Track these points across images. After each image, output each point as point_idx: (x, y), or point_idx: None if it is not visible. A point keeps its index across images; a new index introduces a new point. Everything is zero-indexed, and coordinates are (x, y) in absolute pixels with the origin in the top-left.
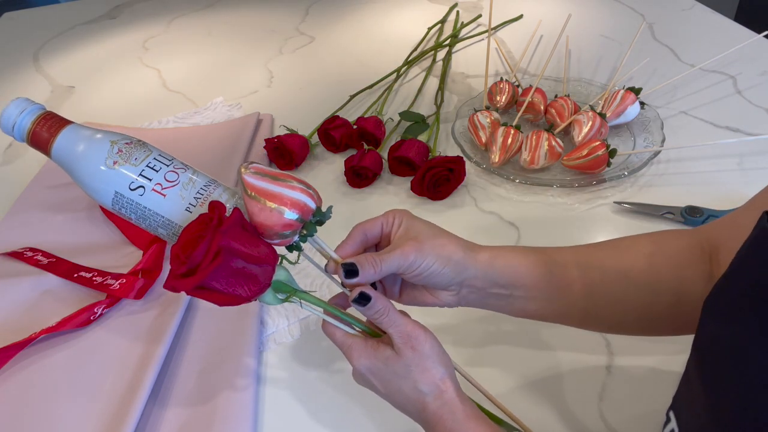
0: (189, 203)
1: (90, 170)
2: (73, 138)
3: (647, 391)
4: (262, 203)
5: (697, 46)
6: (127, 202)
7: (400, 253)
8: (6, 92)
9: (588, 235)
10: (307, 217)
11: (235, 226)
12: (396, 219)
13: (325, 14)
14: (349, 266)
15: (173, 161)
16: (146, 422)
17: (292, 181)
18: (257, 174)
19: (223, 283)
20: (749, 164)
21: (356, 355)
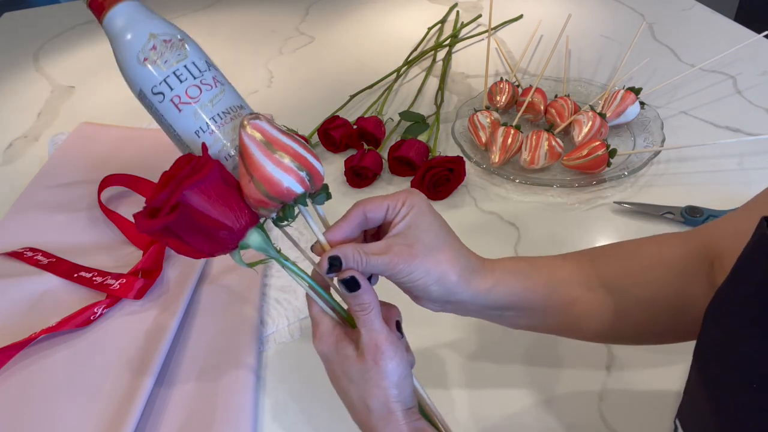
0: (200, 127)
1: (124, 58)
2: (124, 16)
3: (647, 391)
4: (245, 168)
5: (697, 46)
6: (147, 103)
7: (387, 260)
8: (6, 92)
9: (588, 235)
10: (288, 200)
11: (208, 182)
12: (404, 208)
13: (325, 14)
14: (334, 260)
15: (204, 74)
16: (146, 422)
17: (284, 155)
18: (253, 133)
19: (182, 233)
20: (749, 164)
21: (318, 336)
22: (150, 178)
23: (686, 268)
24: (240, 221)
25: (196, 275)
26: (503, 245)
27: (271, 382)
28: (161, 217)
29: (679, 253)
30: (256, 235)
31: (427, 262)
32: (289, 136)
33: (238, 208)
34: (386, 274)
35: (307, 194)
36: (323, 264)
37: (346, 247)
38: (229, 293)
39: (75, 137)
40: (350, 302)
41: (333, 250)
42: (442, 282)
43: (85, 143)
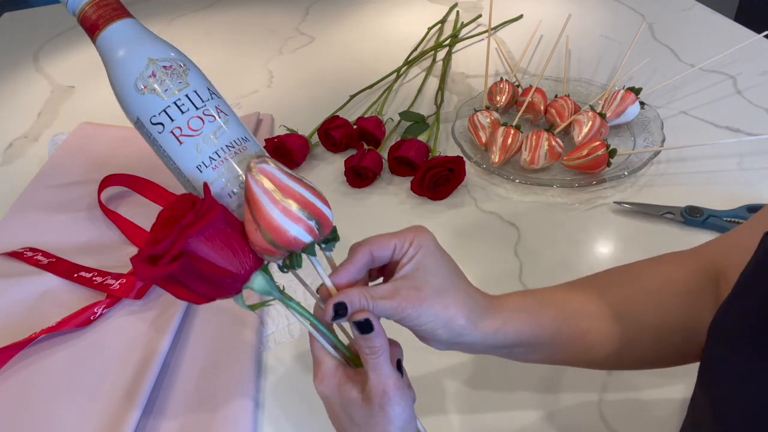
0: (202, 161)
1: (120, 84)
2: (120, 37)
3: (647, 392)
4: (252, 216)
5: (697, 46)
6: (145, 133)
7: (395, 305)
8: (6, 92)
9: (588, 235)
10: (296, 249)
11: (212, 229)
12: (411, 248)
13: (325, 14)
14: (340, 307)
15: (206, 104)
16: (146, 422)
17: (292, 204)
18: (260, 179)
19: (184, 280)
20: (749, 164)
21: (320, 377)
22: (150, 178)
23: (693, 289)
24: (244, 266)
25: None
26: (503, 245)
27: (271, 381)
28: (163, 266)
29: (685, 274)
30: (260, 278)
31: (436, 307)
32: (297, 180)
33: (242, 253)
34: (393, 318)
35: (316, 243)
36: (329, 311)
37: (352, 292)
38: None
39: (75, 137)
40: (360, 344)
41: (339, 296)
42: (449, 326)
43: (85, 143)
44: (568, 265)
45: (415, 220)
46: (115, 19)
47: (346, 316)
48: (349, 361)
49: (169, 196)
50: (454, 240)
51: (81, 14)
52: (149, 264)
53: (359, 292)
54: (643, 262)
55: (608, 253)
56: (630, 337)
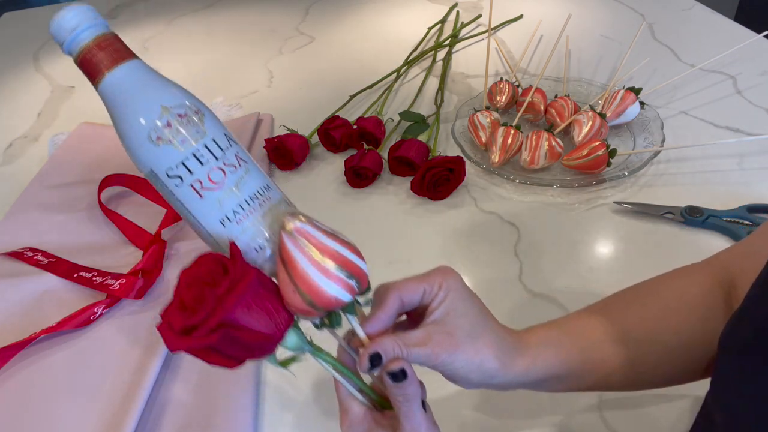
0: (225, 216)
1: (130, 135)
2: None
3: (647, 392)
4: (289, 277)
5: (697, 46)
6: (160, 185)
7: (429, 353)
8: (6, 92)
9: (588, 235)
10: (336, 308)
11: (249, 295)
12: (441, 292)
13: (325, 14)
14: (376, 357)
15: (226, 152)
16: (146, 422)
17: (332, 264)
18: (299, 237)
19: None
20: (749, 164)
21: (347, 423)
22: None
23: (709, 303)
24: (279, 327)
25: None
26: (503, 245)
27: (271, 381)
28: (200, 337)
29: (700, 289)
30: (293, 335)
31: (469, 352)
32: (332, 236)
33: (277, 314)
34: (427, 365)
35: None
36: (364, 362)
37: (386, 342)
38: None
39: (75, 137)
40: (394, 392)
41: (373, 346)
42: (482, 369)
43: (85, 143)
44: (568, 265)
45: (415, 220)
46: (119, 61)
47: (381, 365)
48: (376, 405)
49: None
50: (454, 240)
51: (80, 56)
52: (183, 334)
53: (393, 341)
54: (656, 280)
55: (608, 253)
56: (653, 359)
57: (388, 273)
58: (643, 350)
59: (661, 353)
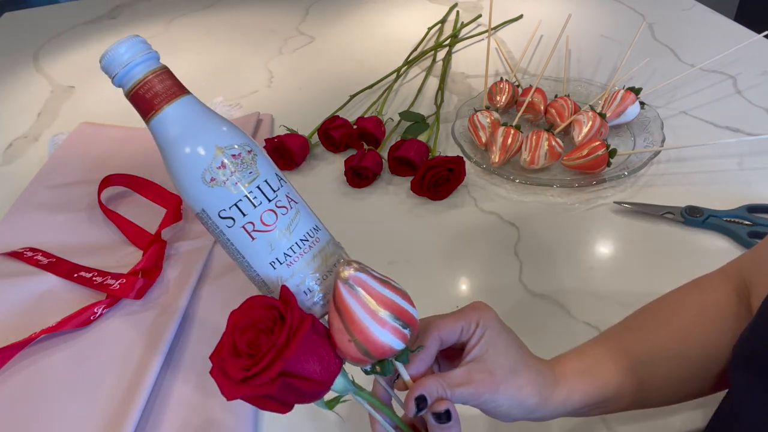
0: (276, 258)
1: (184, 174)
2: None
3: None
4: (344, 326)
5: (697, 46)
6: (212, 225)
7: (473, 392)
8: (6, 92)
9: (588, 235)
10: (389, 356)
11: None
12: (478, 330)
13: (325, 14)
14: (422, 399)
15: (278, 194)
16: (146, 422)
17: (388, 314)
18: (357, 288)
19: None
20: (749, 164)
21: None
22: (150, 178)
23: (729, 313)
24: (331, 373)
25: (197, 275)
26: (503, 245)
27: None
28: (259, 386)
29: (718, 299)
30: (340, 379)
31: (510, 389)
32: (386, 284)
33: (329, 359)
34: (470, 404)
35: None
36: (410, 406)
37: (430, 383)
38: (229, 292)
39: (75, 137)
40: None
41: (418, 389)
42: (523, 405)
43: (85, 143)
44: (568, 265)
45: (415, 220)
46: (173, 98)
47: (426, 408)
48: None
49: (168, 196)
50: (454, 240)
51: (133, 91)
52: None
53: (437, 383)
54: (675, 294)
55: (608, 253)
56: (685, 375)
57: (388, 273)
58: (674, 367)
59: (691, 368)
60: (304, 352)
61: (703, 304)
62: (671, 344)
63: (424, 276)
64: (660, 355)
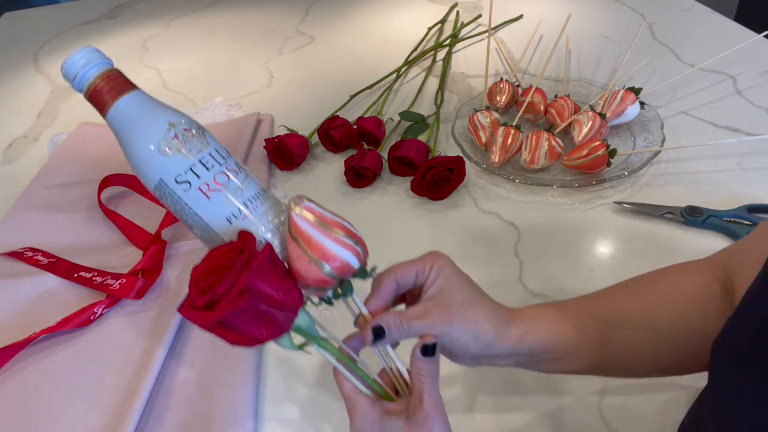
0: (232, 213)
1: (140, 149)
2: (132, 108)
3: (647, 391)
4: (302, 250)
5: (697, 46)
6: (169, 193)
7: (428, 324)
8: (6, 92)
9: (588, 235)
10: (347, 275)
11: (265, 265)
12: (433, 271)
13: (325, 14)
14: (378, 330)
15: (227, 160)
16: (146, 422)
17: (340, 232)
18: (306, 215)
19: (240, 322)
20: (749, 164)
21: (359, 417)
22: None
23: (706, 296)
24: (294, 299)
25: None
26: (503, 245)
27: (271, 381)
28: (225, 306)
29: (698, 283)
30: (304, 315)
31: (465, 321)
32: (333, 213)
33: (290, 285)
34: None
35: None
36: (368, 334)
37: (387, 315)
38: None
39: (75, 137)
40: (419, 367)
41: (376, 320)
42: (479, 339)
43: (85, 143)
44: (568, 265)
45: (415, 220)
46: (126, 90)
47: (385, 338)
48: (381, 397)
49: None
50: (454, 240)
51: (91, 89)
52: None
53: (394, 315)
54: (656, 273)
55: (608, 253)
56: (647, 344)
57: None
58: (639, 335)
59: (657, 340)
60: (266, 270)
61: (680, 284)
62: (638, 313)
63: None
64: (624, 318)
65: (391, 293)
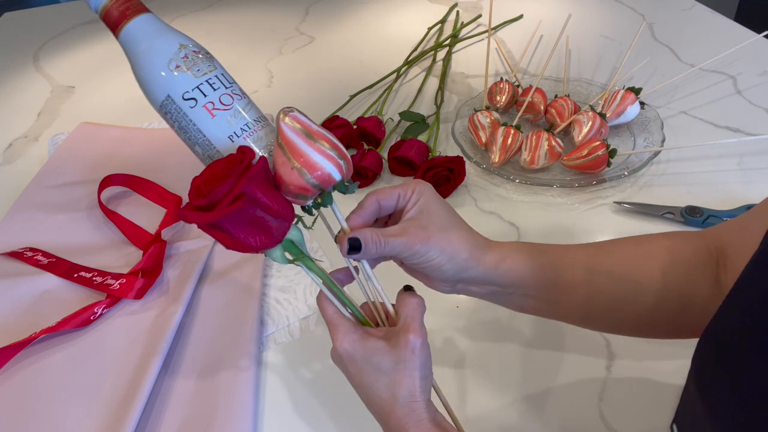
0: (234, 132)
1: (150, 67)
2: (144, 29)
3: (647, 391)
4: (287, 157)
5: (697, 46)
6: (175, 110)
7: (405, 241)
8: (6, 92)
9: (588, 235)
10: (327, 186)
11: (260, 175)
12: (413, 195)
13: (325, 14)
14: (354, 241)
15: (233, 85)
16: (146, 422)
17: (324, 144)
18: (293, 124)
19: (236, 227)
20: (749, 164)
21: (340, 337)
22: (150, 178)
23: (693, 261)
24: (287, 209)
25: (196, 275)
26: None
27: (271, 382)
28: (222, 208)
29: (687, 248)
30: (296, 230)
31: (441, 242)
32: (323, 127)
33: (284, 199)
34: (404, 254)
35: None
36: (344, 245)
37: (365, 230)
38: (229, 293)
39: (75, 137)
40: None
41: (354, 233)
42: (454, 260)
43: (85, 143)
44: None
45: None
46: (139, 12)
47: (360, 252)
48: (362, 324)
49: (168, 196)
50: None
51: (105, 11)
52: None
53: (372, 231)
54: (647, 235)
55: None
56: (625, 296)
57: (388, 273)
58: (618, 284)
59: (637, 292)
60: (261, 179)
61: (669, 246)
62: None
63: None
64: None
65: (372, 213)
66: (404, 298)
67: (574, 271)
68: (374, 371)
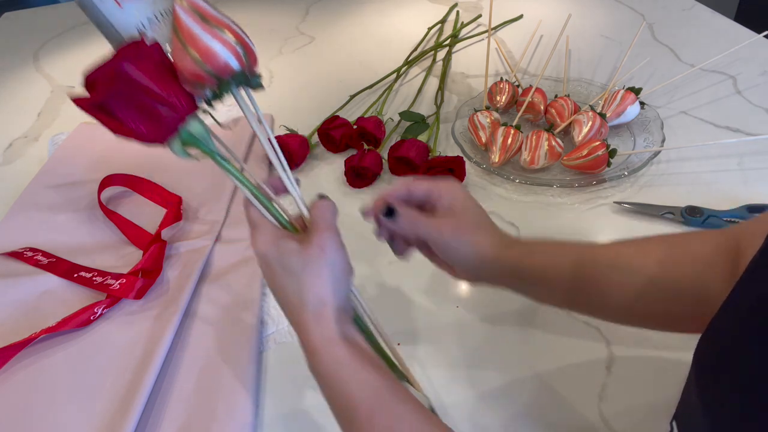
0: (141, 23)
1: None
2: None
3: (647, 391)
4: (181, 42)
5: (697, 46)
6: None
7: (437, 229)
8: (6, 92)
9: (588, 235)
10: (225, 75)
11: (149, 59)
12: (446, 194)
13: (325, 14)
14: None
15: None
16: (146, 422)
17: (222, 30)
18: (190, 9)
19: (123, 111)
20: (749, 164)
21: (258, 236)
22: (150, 178)
23: (710, 259)
24: (181, 101)
25: (196, 275)
26: None
27: (271, 382)
28: (101, 87)
29: (704, 246)
30: (196, 123)
31: (472, 237)
32: (224, 14)
33: (179, 89)
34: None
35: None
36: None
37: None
38: (229, 293)
39: (75, 137)
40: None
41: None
42: (480, 256)
43: (85, 143)
44: None
45: None
46: None
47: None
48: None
49: (168, 196)
50: None
51: None
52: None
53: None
54: (664, 234)
55: None
56: (641, 290)
57: (388, 273)
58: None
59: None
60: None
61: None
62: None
63: (424, 275)
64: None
65: (403, 194)
66: (316, 202)
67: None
68: (286, 273)
